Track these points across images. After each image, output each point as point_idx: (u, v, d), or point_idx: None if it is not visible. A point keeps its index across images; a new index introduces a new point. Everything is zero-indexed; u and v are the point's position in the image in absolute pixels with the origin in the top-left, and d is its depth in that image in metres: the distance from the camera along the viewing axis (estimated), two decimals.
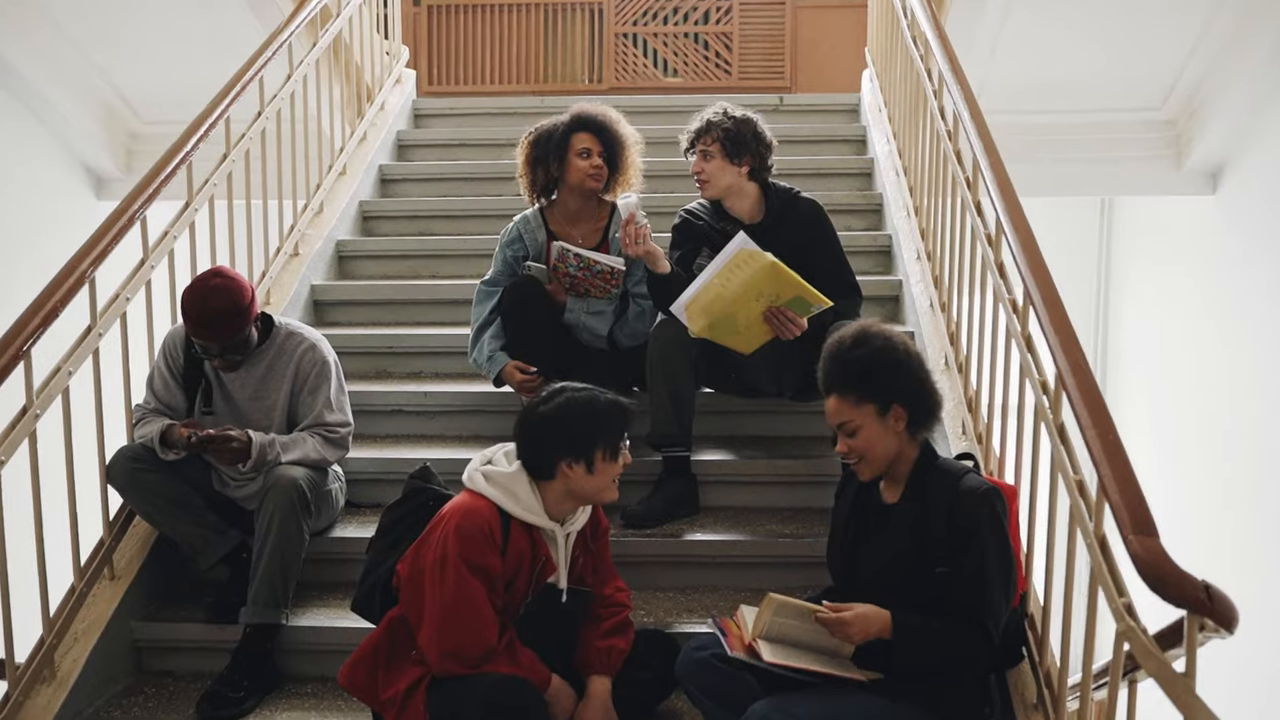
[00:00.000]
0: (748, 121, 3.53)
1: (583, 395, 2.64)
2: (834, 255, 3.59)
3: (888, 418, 2.54)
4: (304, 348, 3.27)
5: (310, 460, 3.19)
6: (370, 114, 5.43)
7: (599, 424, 2.61)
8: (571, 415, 2.61)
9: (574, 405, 2.62)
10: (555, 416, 2.61)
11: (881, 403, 2.53)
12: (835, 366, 2.59)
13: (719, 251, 3.45)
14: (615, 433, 2.64)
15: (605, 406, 2.63)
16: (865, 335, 2.59)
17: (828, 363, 2.62)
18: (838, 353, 2.60)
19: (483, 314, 3.67)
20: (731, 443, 3.78)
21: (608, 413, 2.63)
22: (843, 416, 2.57)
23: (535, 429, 2.63)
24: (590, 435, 2.60)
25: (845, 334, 2.62)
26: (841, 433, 2.60)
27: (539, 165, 3.65)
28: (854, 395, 2.55)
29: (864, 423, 2.55)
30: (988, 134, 3.31)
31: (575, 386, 2.66)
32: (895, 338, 2.60)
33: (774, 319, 3.29)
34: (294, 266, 4.49)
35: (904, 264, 4.40)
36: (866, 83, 5.85)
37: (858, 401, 2.55)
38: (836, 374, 2.58)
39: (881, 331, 2.61)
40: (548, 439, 2.61)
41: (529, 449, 2.65)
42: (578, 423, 2.60)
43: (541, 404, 2.65)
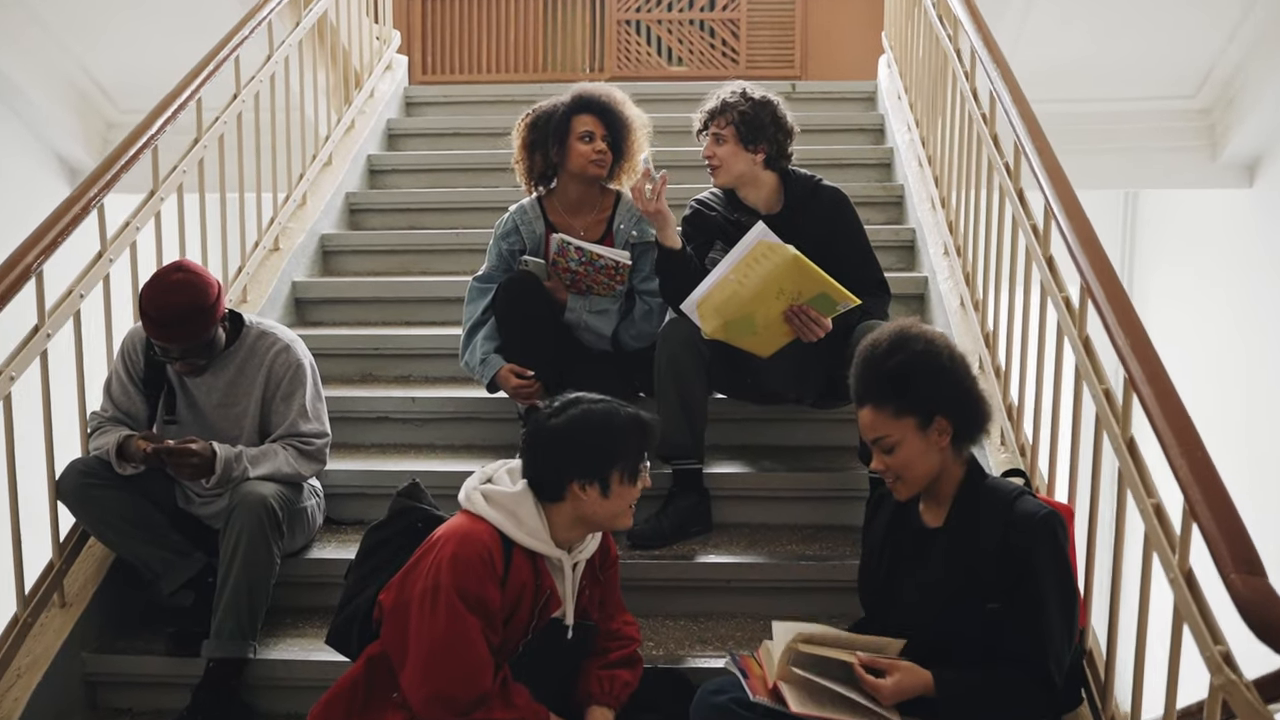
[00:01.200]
0: (766, 104, 3.22)
1: (600, 408, 2.34)
2: (860, 248, 3.28)
3: (930, 432, 2.24)
4: (276, 350, 2.96)
5: (282, 475, 2.88)
6: (358, 101, 5.13)
7: (617, 441, 2.32)
8: (587, 430, 2.31)
9: (590, 419, 2.32)
10: (569, 431, 2.31)
11: (923, 415, 2.24)
12: (870, 374, 2.28)
13: (734, 244, 3.16)
14: (635, 452, 2.34)
15: (625, 422, 2.33)
16: (903, 338, 2.29)
17: (861, 370, 2.32)
18: (872, 359, 2.30)
19: (475, 313, 3.36)
20: (747, 453, 3.48)
21: (627, 429, 2.33)
22: (879, 431, 2.27)
23: (545, 444, 2.33)
24: (607, 454, 2.30)
25: (880, 337, 2.32)
26: (877, 449, 2.30)
27: (537, 150, 3.34)
28: (891, 407, 2.25)
29: (903, 438, 2.25)
30: (1032, 115, 3.01)
31: (591, 398, 2.36)
32: (937, 340, 2.30)
33: (795, 319, 2.98)
34: (273, 262, 4.19)
35: (929, 259, 4.09)
36: (883, 69, 5.56)
37: (896, 414, 2.25)
38: (871, 383, 2.28)
39: (921, 333, 2.30)
40: (559, 456, 2.31)
41: (537, 466, 2.35)
42: (594, 439, 2.31)
43: (553, 416, 2.35)
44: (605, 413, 2.33)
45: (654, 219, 3.11)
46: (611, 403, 2.36)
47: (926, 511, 2.36)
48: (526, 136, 3.36)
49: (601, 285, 3.31)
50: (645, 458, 2.37)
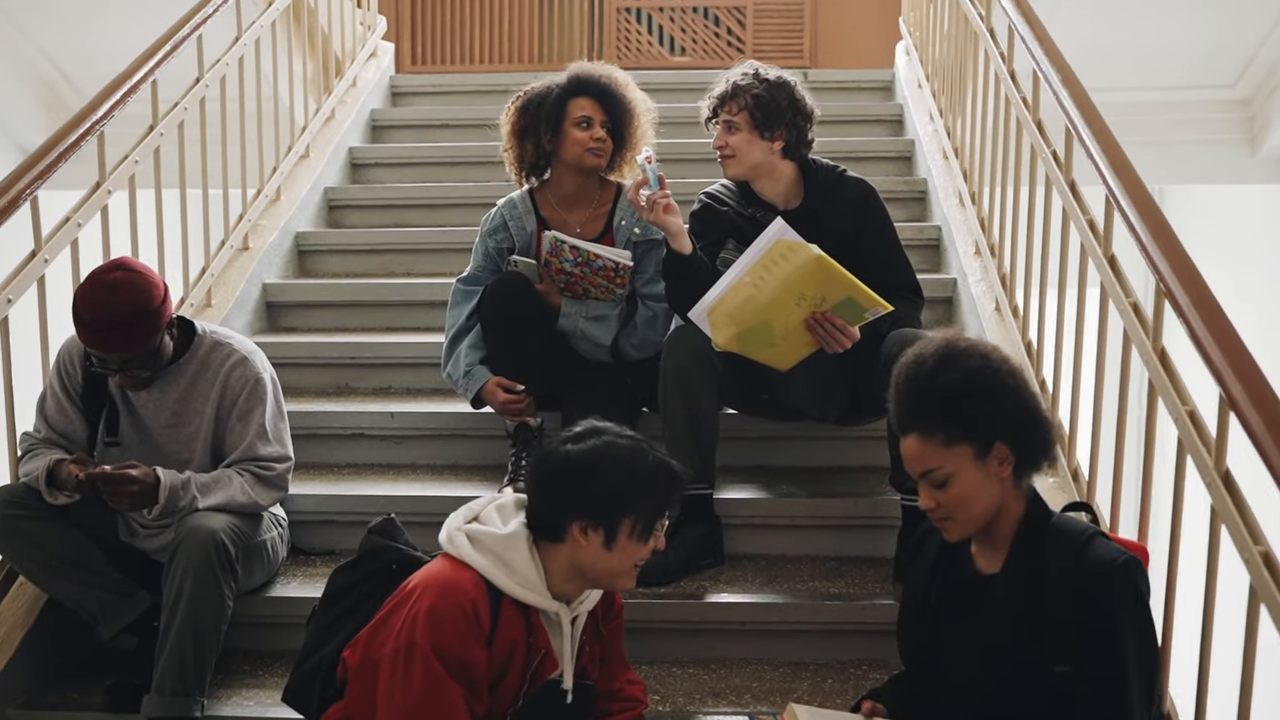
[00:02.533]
0: (783, 85, 2.88)
1: (625, 444, 2.01)
2: (888, 246, 2.94)
3: (988, 461, 1.90)
4: (233, 362, 2.62)
5: (237, 505, 2.54)
6: (339, 89, 4.78)
7: (638, 487, 1.98)
8: (606, 465, 1.97)
9: (612, 453, 1.99)
10: (585, 462, 1.98)
11: (980, 443, 1.90)
12: (916, 397, 1.94)
13: (748, 243, 2.81)
14: (654, 504, 2.01)
15: (651, 467, 2.00)
16: (953, 353, 1.94)
17: (905, 391, 1.97)
18: (918, 378, 1.95)
19: (459, 319, 3.02)
20: (761, 476, 3.13)
21: (653, 476, 2.00)
22: (928, 463, 1.93)
23: (555, 472, 2.00)
24: (622, 498, 1.97)
25: (924, 353, 1.97)
26: (926, 484, 1.96)
27: (528, 137, 2.99)
28: (942, 434, 1.91)
29: (957, 470, 1.91)
30: (1087, 98, 2.66)
31: (617, 430, 2.04)
32: (993, 354, 1.96)
33: (818, 327, 2.63)
34: (242, 262, 3.84)
35: (959, 259, 3.75)
36: (901, 56, 5.23)
37: (948, 442, 1.91)
38: (918, 407, 1.93)
39: (973, 346, 1.96)
40: (567, 488, 1.98)
41: (541, 496, 2.02)
42: (611, 477, 1.97)
43: (571, 442, 2.01)
44: (631, 451, 2.00)
45: (661, 226, 2.76)
46: (640, 442, 2.04)
47: (980, 554, 2.02)
48: (517, 121, 3.01)
49: (600, 288, 2.96)
50: (665, 514, 2.03)
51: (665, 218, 2.73)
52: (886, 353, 2.70)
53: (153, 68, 3.22)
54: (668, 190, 2.73)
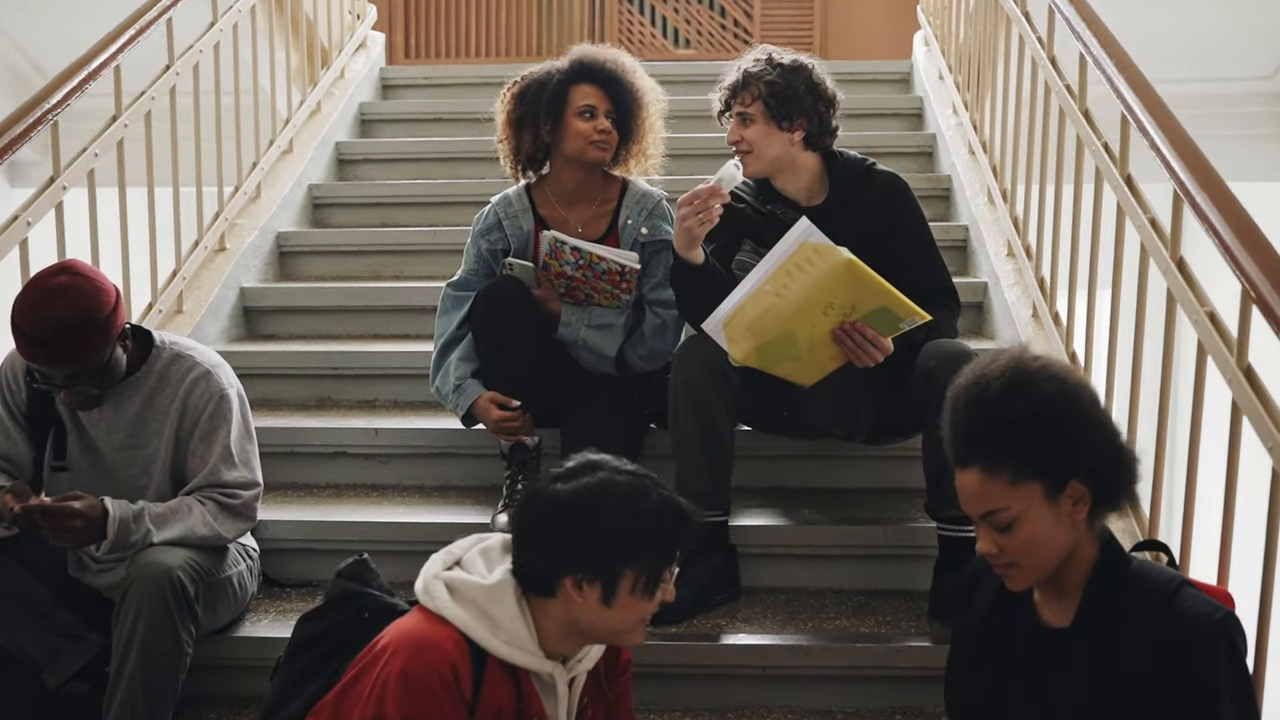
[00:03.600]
0: (799, 70, 2.60)
1: (625, 483, 1.71)
2: (923, 248, 2.67)
3: (1060, 502, 1.64)
4: (194, 376, 2.35)
5: (197, 537, 2.27)
6: (325, 81, 4.52)
7: (640, 533, 1.69)
8: (603, 509, 1.69)
9: (610, 493, 1.70)
10: (578, 504, 1.69)
11: (1053, 481, 1.64)
12: (979, 425, 1.67)
13: (767, 244, 2.54)
14: (660, 554, 1.72)
15: (656, 509, 1.71)
16: (1024, 375, 1.67)
17: (966, 418, 1.69)
18: (981, 402, 1.67)
19: (449, 328, 2.75)
20: (780, 498, 2.86)
21: (657, 520, 1.71)
22: (990, 502, 1.66)
23: (544, 516, 1.71)
24: (622, 547, 1.68)
25: (988, 374, 1.69)
26: (987, 525, 1.69)
27: (525, 127, 2.72)
28: (1009, 471, 1.64)
29: (1024, 511, 1.65)
30: (1147, 85, 2.40)
31: (617, 466, 1.74)
32: (1070, 377, 1.69)
33: (847, 339, 2.36)
34: (218, 264, 3.58)
35: (989, 262, 3.49)
36: (920, 46, 4.96)
37: (1014, 480, 1.64)
38: (981, 437, 1.66)
39: (1047, 368, 1.69)
40: (557, 535, 1.69)
41: (528, 545, 1.73)
42: (609, 523, 1.68)
43: (562, 480, 1.72)
44: (632, 490, 1.71)
45: (685, 235, 2.43)
46: (644, 478, 1.74)
47: (1046, 604, 1.75)
48: (513, 109, 2.74)
49: (603, 294, 2.70)
50: (674, 561, 1.75)
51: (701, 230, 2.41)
52: (923, 366, 2.44)
53: (115, 53, 2.96)
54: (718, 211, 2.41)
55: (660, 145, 2.80)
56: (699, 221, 2.40)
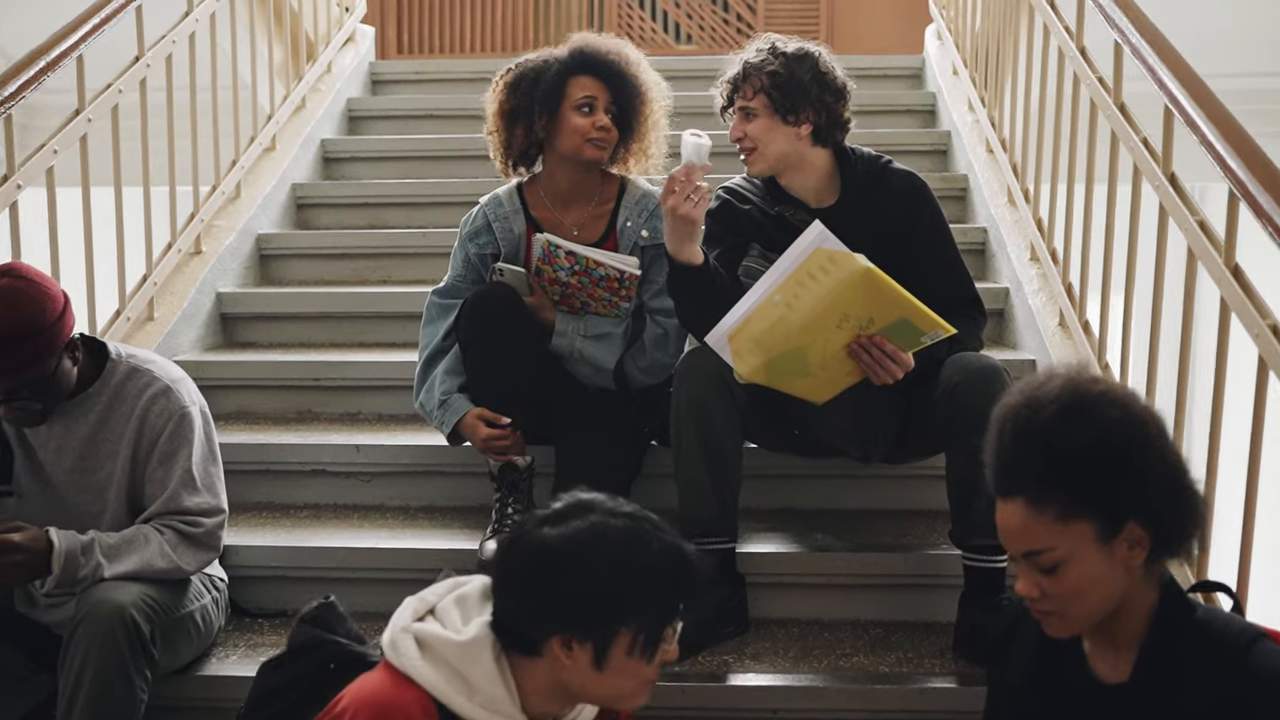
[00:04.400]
0: (804, 58, 2.40)
1: (619, 528, 1.49)
2: (944, 253, 2.48)
3: (1115, 544, 1.44)
4: (153, 393, 2.15)
5: (154, 571, 2.07)
6: (311, 75, 4.31)
7: (637, 589, 1.47)
8: (592, 560, 1.46)
9: (602, 543, 1.47)
10: (565, 555, 1.47)
11: (1107, 521, 1.43)
12: (1028, 454, 1.46)
13: (776, 247, 2.34)
14: (660, 610, 1.50)
15: (655, 558, 1.48)
16: (1082, 400, 1.46)
17: (1013, 445, 1.49)
18: (1031, 428, 1.47)
19: (434, 338, 2.55)
20: (789, 521, 2.66)
21: (657, 570, 1.48)
22: (1034, 541, 1.46)
23: (527, 565, 1.49)
24: (616, 603, 1.46)
25: (1042, 395, 1.48)
26: (1029, 566, 1.49)
27: (519, 119, 2.52)
28: (1058, 506, 1.44)
29: (1073, 553, 1.45)
30: (1194, 75, 2.19)
31: (611, 507, 1.51)
32: (1134, 404, 1.48)
33: (864, 354, 2.17)
34: (193, 268, 3.38)
35: (1011, 266, 3.29)
36: (931, 40, 4.76)
37: (1064, 517, 1.44)
38: (1029, 467, 1.46)
39: (1107, 393, 1.48)
40: (542, 588, 1.47)
41: (509, 598, 1.51)
42: (600, 576, 1.46)
43: (549, 523, 1.50)
44: (629, 536, 1.48)
45: (680, 225, 2.23)
46: (642, 522, 1.51)
47: (1098, 655, 1.55)
48: (506, 100, 2.54)
49: (601, 302, 2.50)
50: (677, 618, 1.53)
51: (697, 210, 2.21)
52: (947, 383, 2.25)
53: (76, 42, 2.75)
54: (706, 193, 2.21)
55: (663, 144, 2.60)
56: (692, 203, 2.19)
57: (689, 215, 2.20)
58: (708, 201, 2.25)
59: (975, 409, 2.21)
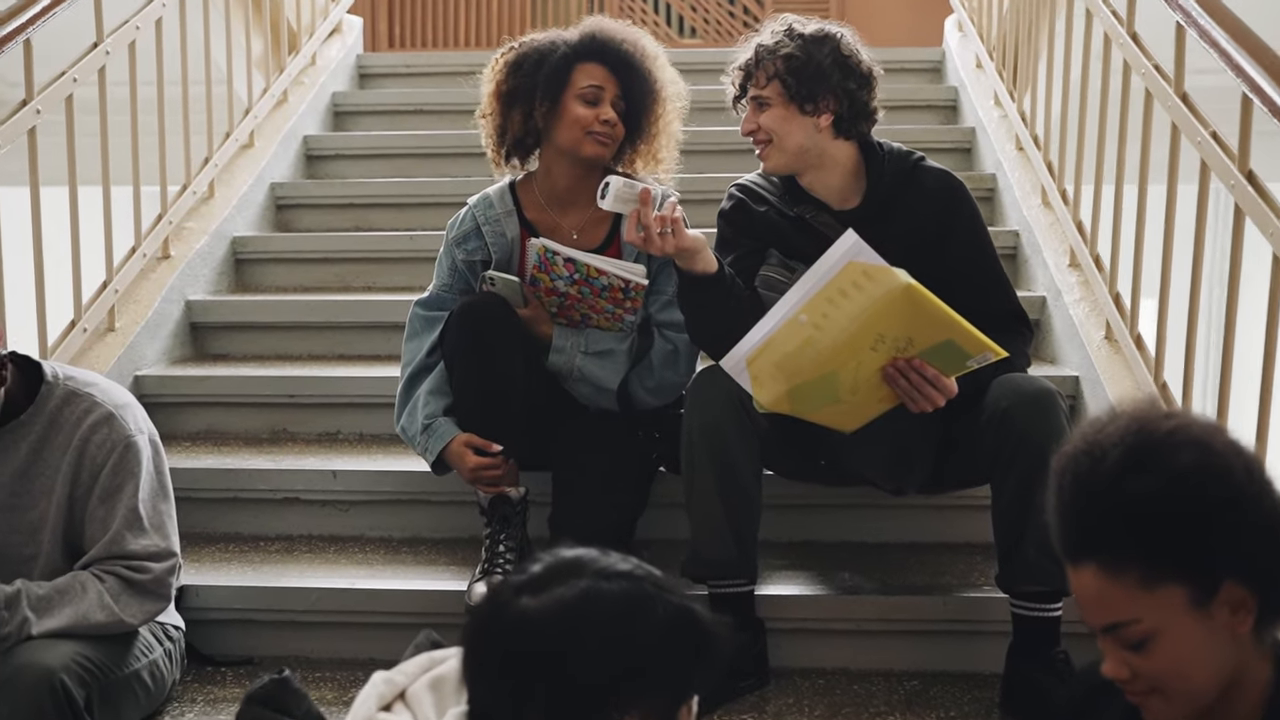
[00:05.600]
0: (824, 40, 2.13)
1: (617, 593, 1.16)
2: (984, 261, 2.21)
3: (1213, 610, 1.18)
4: (94, 420, 1.89)
5: (91, 625, 1.81)
6: (293, 68, 4.05)
7: (641, 666, 1.17)
8: (586, 635, 1.15)
9: (595, 613, 1.15)
10: (551, 631, 1.16)
11: (1199, 584, 1.17)
12: (1093, 510, 1.19)
13: (796, 252, 2.13)
14: (671, 689, 1.18)
15: (661, 627, 1.16)
16: (1151, 440, 1.19)
17: (1074, 499, 1.22)
18: (1095, 480, 1.19)
19: (418, 355, 2.29)
20: (812, 558, 2.41)
21: (664, 642, 1.16)
22: (1115, 613, 1.20)
23: (505, 647, 1.19)
24: (616, 688, 1.15)
25: (1102, 437, 1.21)
26: (1113, 641, 1.22)
27: (518, 103, 2.26)
28: (1138, 570, 1.17)
29: (1163, 625, 1.18)
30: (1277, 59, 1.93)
31: (602, 567, 1.17)
32: (1216, 441, 1.20)
33: (901, 378, 1.91)
34: (160, 274, 3.13)
35: (1048, 273, 3.04)
36: (952, 32, 4.51)
37: (1147, 582, 1.17)
38: (1097, 526, 1.19)
39: (1182, 429, 1.20)
40: (526, 673, 1.17)
41: (486, 682, 1.21)
42: (595, 655, 1.15)
43: (528, 591, 1.19)
44: (628, 602, 1.16)
45: (681, 256, 2.01)
46: (642, 582, 1.20)
47: None
48: (505, 79, 2.28)
49: (604, 314, 2.24)
50: (691, 694, 1.24)
51: (677, 242, 1.99)
52: (994, 408, 2.00)
53: (23, 25, 2.49)
54: (676, 204, 2.00)
55: (675, 149, 2.34)
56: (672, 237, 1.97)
57: (679, 248, 1.99)
58: (682, 216, 2.01)
59: (1026, 437, 1.98)
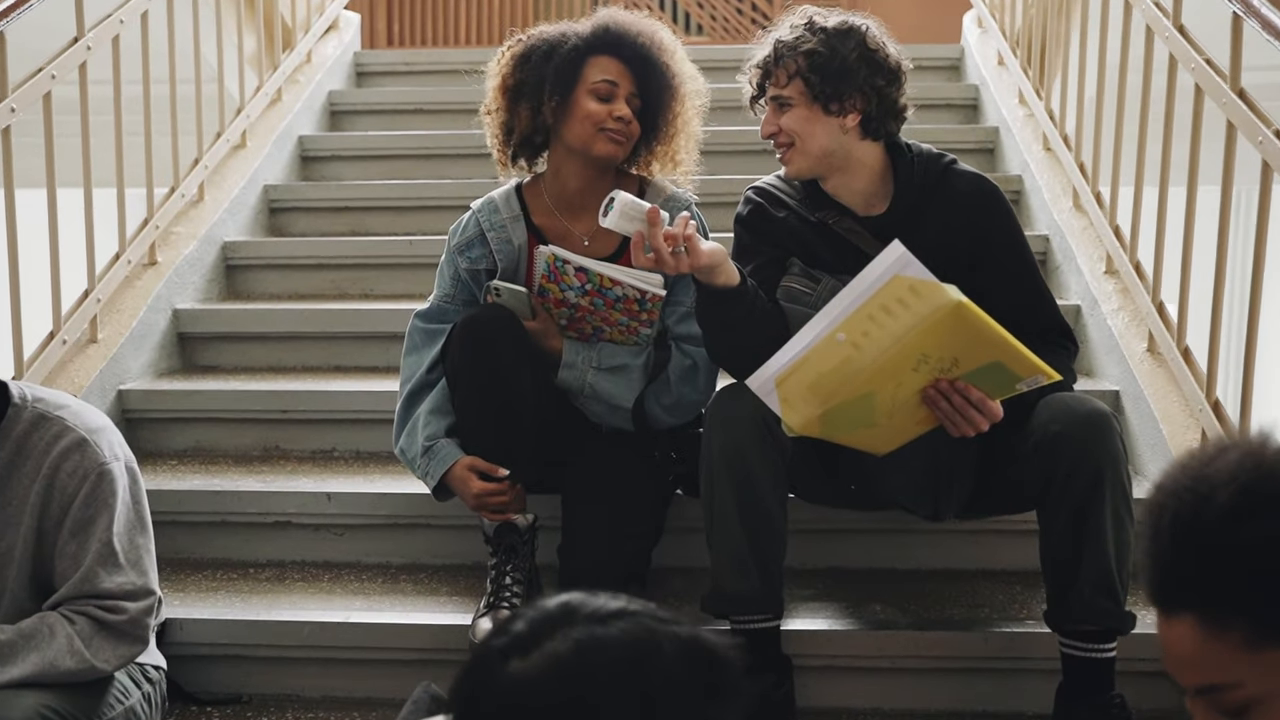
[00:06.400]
0: (849, 34, 1.97)
1: (615, 638, 0.95)
2: (1023, 272, 2.05)
3: None
4: (64, 446, 1.73)
5: (61, 672, 1.65)
6: (288, 65, 3.90)
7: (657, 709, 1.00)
8: (585, 695, 0.99)
9: (594, 664, 0.96)
10: (545, 698, 0.99)
11: None
12: (1196, 557, 1.02)
13: (819, 263, 2.01)
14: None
15: (672, 667, 0.97)
16: (1265, 480, 1.02)
17: (1173, 543, 1.04)
18: (1200, 523, 1.02)
19: (418, 371, 2.13)
20: (840, 587, 2.25)
21: (676, 683, 0.98)
22: (1213, 674, 1.03)
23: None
24: None
25: (1210, 474, 1.03)
26: (1207, 704, 1.06)
27: (525, 98, 2.10)
28: (1244, 628, 1.00)
29: (1270, 693, 1.01)
30: None
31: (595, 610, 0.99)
32: None
33: (943, 401, 1.75)
34: (146, 282, 2.97)
35: (1082, 281, 2.89)
36: (971, 28, 4.36)
37: (1254, 643, 1.00)
38: (1199, 576, 1.02)
39: None
40: None
41: None
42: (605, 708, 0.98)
43: (514, 652, 1.01)
44: (630, 646, 0.96)
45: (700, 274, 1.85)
46: (641, 618, 1.03)
47: None
48: (511, 73, 2.13)
49: (617, 327, 2.08)
50: None
51: (692, 260, 1.82)
52: (1043, 431, 1.84)
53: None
54: (690, 219, 1.83)
55: (694, 150, 2.18)
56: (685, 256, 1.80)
57: (695, 266, 1.82)
58: (697, 230, 1.84)
59: (1080, 464, 1.82)
